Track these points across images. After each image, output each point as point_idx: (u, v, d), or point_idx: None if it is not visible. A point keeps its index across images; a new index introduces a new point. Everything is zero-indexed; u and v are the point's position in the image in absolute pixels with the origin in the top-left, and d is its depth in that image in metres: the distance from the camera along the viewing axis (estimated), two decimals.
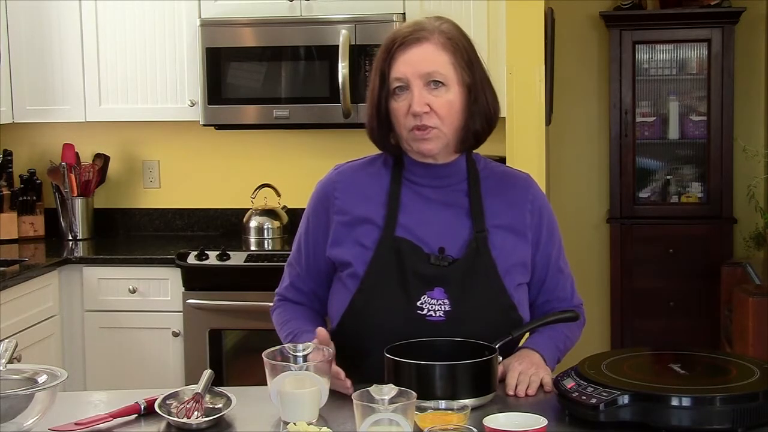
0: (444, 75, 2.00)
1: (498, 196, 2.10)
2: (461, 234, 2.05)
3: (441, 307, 2.00)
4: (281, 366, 1.83)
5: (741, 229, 5.09)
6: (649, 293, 5.17)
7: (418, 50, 2.01)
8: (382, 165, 2.12)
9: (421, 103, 1.98)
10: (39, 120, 4.30)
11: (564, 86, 5.22)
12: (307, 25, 4.01)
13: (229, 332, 3.97)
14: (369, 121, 2.09)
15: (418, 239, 2.03)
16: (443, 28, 2.05)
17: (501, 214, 2.08)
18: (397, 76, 2.00)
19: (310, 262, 2.15)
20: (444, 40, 2.03)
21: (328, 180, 2.16)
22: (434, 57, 2.01)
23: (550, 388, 1.94)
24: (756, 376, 1.78)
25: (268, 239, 4.25)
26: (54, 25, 4.19)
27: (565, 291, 2.17)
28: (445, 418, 1.70)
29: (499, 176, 2.14)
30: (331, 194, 2.12)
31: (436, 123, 2.00)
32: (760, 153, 4.93)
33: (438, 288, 2.00)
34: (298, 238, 2.19)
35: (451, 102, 2.01)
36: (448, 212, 2.07)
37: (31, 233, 4.39)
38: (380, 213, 2.06)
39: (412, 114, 1.99)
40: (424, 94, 1.99)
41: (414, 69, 2.00)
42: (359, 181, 2.11)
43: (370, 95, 2.07)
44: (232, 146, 4.46)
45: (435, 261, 2.01)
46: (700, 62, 5.20)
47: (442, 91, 2.00)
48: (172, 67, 4.15)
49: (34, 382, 1.76)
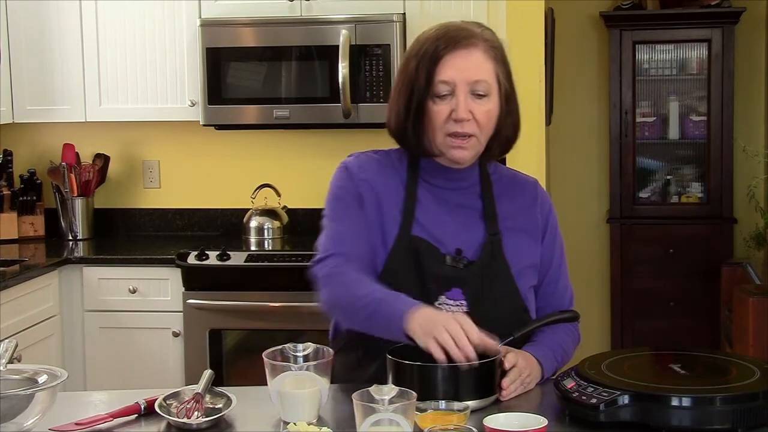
0: (488, 84, 1.99)
1: (509, 199, 2.11)
2: (475, 236, 2.05)
3: (458, 308, 2.00)
4: (281, 366, 1.83)
5: (741, 229, 5.09)
6: (649, 293, 5.17)
7: (467, 56, 1.99)
8: (397, 161, 2.10)
9: (465, 110, 1.97)
10: (39, 120, 4.30)
11: (564, 86, 5.22)
12: (308, 25, 4.01)
13: (229, 332, 3.97)
14: (401, 119, 2.04)
15: (434, 239, 2.03)
16: (486, 36, 2.02)
17: (513, 217, 2.09)
18: (444, 80, 1.98)
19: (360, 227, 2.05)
20: (489, 48, 2.01)
21: (352, 163, 2.09)
22: (482, 65, 1.99)
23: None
24: (756, 376, 1.78)
25: (268, 239, 4.25)
26: (54, 25, 4.19)
27: (563, 299, 2.16)
28: (445, 418, 1.70)
29: (509, 180, 2.15)
30: (359, 176, 2.07)
31: (475, 131, 1.99)
32: (760, 153, 4.93)
33: (456, 289, 1.99)
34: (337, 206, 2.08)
35: (490, 111, 2.00)
36: (463, 214, 2.07)
37: (31, 233, 4.39)
38: (397, 209, 2.05)
39: (454, 119, 1.97)
40: (468, 101, 1.97)
41: (462, 75, 1.97)
42: (380, 173, 2.08)
43: (405, 93, 2.02)
44: (232, 146, 4.46)
45: (451, 262, 2.01)
46: (700, 62, 5.20)
47: (485, 101, 1.99)
48: (173, 67, 4.15)
49: (35, 382, 1.76)
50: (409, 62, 2.03)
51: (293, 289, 3.82)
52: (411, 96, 2.01)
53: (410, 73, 2.02)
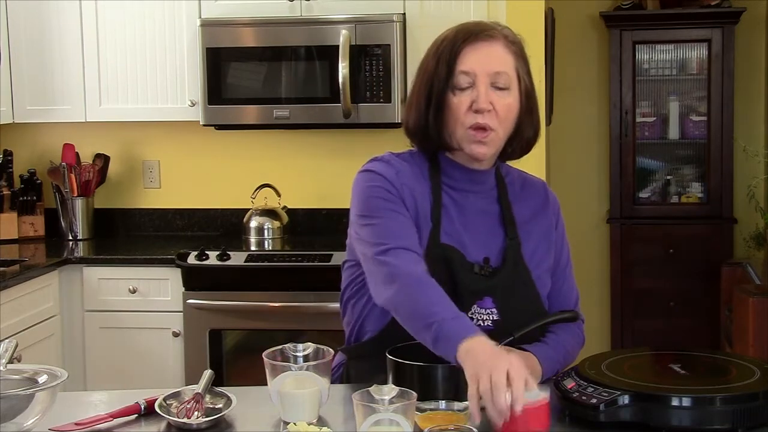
0: (509, 77, 1.97)
1: (523, 202, 2.10)
2: (495, 241, 2.05)
3: (489, 317, 1.99)
4: (281, 366, 1.83)
5: (741, 229, 5.09)
6: (649, 293, 5.18)
7: (488, 47, 1.97)
8: (420, 165, 2.06)
9: (486, 100, 1.94)
10: (39, 120, 4.30)
11: (564, 86, 5.22)
12: (308, 25, 4.01)
13: (229, 332, 3.97)
14: (421, 113, 2.00)
15: (460, 246, 2.01)
16: (505, 32, 2.01)
17: (528, 220, 2.09)
18: (465, 70, 1.95)
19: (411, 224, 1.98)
20: (509, 43, 2.00)
21: (387, 168, 2.02)
22: (502, 57, 1.98)
23: None
24: (756, 376, 1.78)
25: (269, 239, 4.25)
26: (54, 25, 4.19)
27: (569, 300, 2.16)
28: (445, 418, 1.70)
29: (521, 182, 2.14)
30: (398, 181, 2.01)
31: (495, 125, 1.96)
32: (760, 153, 4.93)
33: (487, 297, 1.98)
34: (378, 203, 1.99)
35: (510, 105, 1.98)
36: (483, 219, 2.06)
37: (31, 233, 4.39)
38: (427, 214, 2.01)
39: (474, 110, 1.95)
40: (489, 93, 1.95)
41: (483, 66, 1.95)
42: (412, 177, 2.04)
43: (425, 89, 1.99)
44: (232, 146, 4.46)
45: (479, 270, 2.00)
46: (701, 62, 5.20)
47: (505, 94, 1.97)
48: (173, 67, 4.15)
49: (35, 382, 1.76)
50: (428, 61, 2.02)
51: (293, 289, 3.82)
52: (431, 90, 1.99)
53: (429, 70, 2.00)
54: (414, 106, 2.03)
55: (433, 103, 1.98)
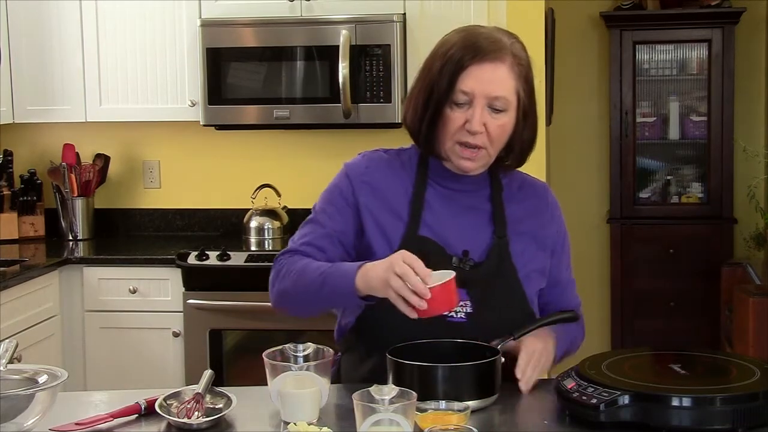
0: (507, 101, 1.98)
1: (519, 203, 2.11)
2: (483, 238, 2.06)
3: (462, 309, 2.00)
4: (281, 366, 1.83)
5: (741, 230, 5.09)
6: (649, 293, 5.18)
7: (492, 69, 1.97)
8: (407, 160, 2.11)
9: (479, 123, 1.96)
10: (39, 120, 4.30)
11: (564, 86, 5.22)
12: (308, 25, 4.01)
13: (229, 332, 3.97)
14: (417, 117, 2.03)
15: (441, 240, 2.03)
16: (515, 50, 2.01)
17: (522, 221, 2.10)
18: (465, 90, 1.97)
19: (337, 230, 2.08)
20: (515, 65, 2.00)
21: (358, 165, 2.11)
22: (505, 81, 1.98)
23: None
24: (756, 376, 1.78)
25: (269, 239, 4.25)
26: (54, 25, 4.19)
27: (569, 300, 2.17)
28: (445, 418, 1.70)
29: (519, 183, 2.15)
30: (360, 179, 2.08)
31: (485, 143, 1.99)
32: (760, 153, 4.93)
33: (460, 290, 1.98)
34: (324, 205, 2.12)
35: (504, 126, 2.00)
36: (471, 216, 2.07)
37: (31, 233, 4.39)
38: (404, 209, 2.05)
39: (467, 130, 1.97)
40: (484, 114, 1.97)
41: (483, 88, 1.97)
42: (387, 173, 2.09)
43: (425, 92, 2.01)
44: (232, 146, 4.46)
45: (457, 263, 2.01)
46: (701, 62, 5.20)
47: (501, 115, 1.99)
48: (173, 67, 4.15)
49: (35, 382, 1.76)
50: (434, 61, 2.02)
51: None
52: (430, 97, 2.01)
53: (433, 74, 2.01)
54: (412, 106, 2.06)
55: (430, 111, 2.01)
